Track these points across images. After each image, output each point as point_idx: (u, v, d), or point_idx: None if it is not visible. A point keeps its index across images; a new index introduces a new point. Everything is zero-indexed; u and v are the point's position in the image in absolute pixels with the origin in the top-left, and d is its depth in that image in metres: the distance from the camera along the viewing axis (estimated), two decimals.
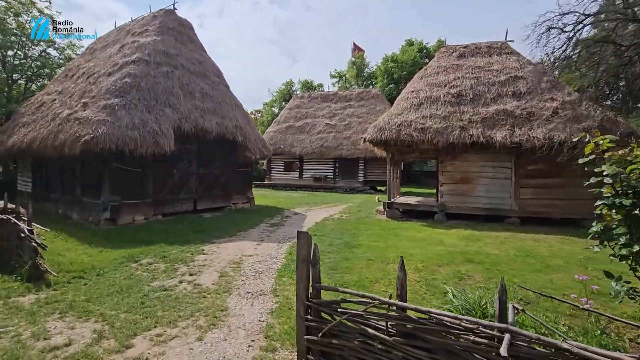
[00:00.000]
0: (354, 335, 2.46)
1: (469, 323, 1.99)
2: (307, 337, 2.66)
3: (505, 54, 12.51)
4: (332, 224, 10.73)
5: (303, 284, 2.72)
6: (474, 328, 1.97)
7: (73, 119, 10.09)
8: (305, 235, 2.73)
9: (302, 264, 2.71)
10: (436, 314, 2.10)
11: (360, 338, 2.42)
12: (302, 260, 2.71)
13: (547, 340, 1.73)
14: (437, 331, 2.09)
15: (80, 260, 6.57)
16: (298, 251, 2.74)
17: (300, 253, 2.73)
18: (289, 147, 27.02)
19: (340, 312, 2.48)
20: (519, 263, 5.98)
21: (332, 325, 2.49)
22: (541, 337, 1.74)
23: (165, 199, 11.25)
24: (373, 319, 2.38)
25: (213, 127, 11.98)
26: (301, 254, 2.72)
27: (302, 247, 2.70)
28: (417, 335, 2.20)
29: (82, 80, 12.40)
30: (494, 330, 1.92)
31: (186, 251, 7.38)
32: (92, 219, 10.05)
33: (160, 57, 11.71)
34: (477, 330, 1.96)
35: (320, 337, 2.56)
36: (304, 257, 2.71)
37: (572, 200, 10.10)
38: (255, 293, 5.18)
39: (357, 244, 7.63)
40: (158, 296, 4.96)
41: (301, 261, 2.72)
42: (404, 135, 10.86)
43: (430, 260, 6.14)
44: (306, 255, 2.71)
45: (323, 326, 2.55)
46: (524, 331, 1.82)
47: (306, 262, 2.71)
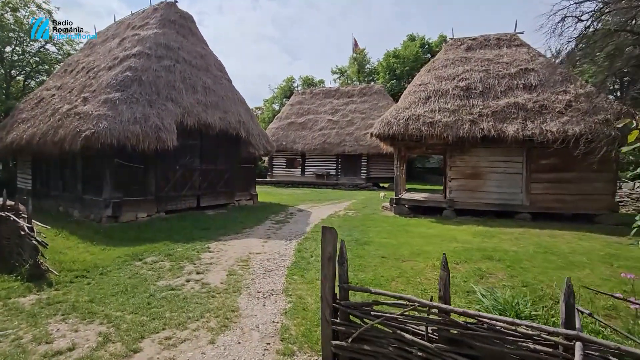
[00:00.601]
0: (388, 341, 2.22)
1: (528, 329, 1.75)
2: (335, 343, 2.42)
3: (514, 46, 12.22)
4: (338, 221, 10.50)
5: (329, 284, 2.48)
6: (533, 334, 1.73)
7: (73, 113, 9.84)
8: (331, 232, 2.48)
9: (328, 262, 2.47)
10: (488, 318, 1.86)
11: (397, 344, 2.18)
12: (327, 259, 2.47)
13: (631, 350, 1.49)
14: (489, 338, 1.85)
15: (82, 259, 6.34)
16: (323, 248, 2.49)
17: (325, 250, 2.49)
18: (291, 144, 26.75)
19: (373, 316, 2.24)
20: (540, 260, 5.74)
21: (364, 330, 2.25)
22: (622, 346, 1.50)
23: (168, 195, 11.01)
24: (411, 323, 2.13)
25: (216, 122, 11.72)
26: (326, 251, 2.47)
27: (327, 244, 2.45)
28: (463, 341, 1.96)
29: (82, 75, 12.12)
30: (559, 337, 1.68)
31: (191, 249, 7.15)
32: (94, 216, 9.81)
33: (162, 51, 11.43)
34: (537, 337, 1.72)
35: (350, 342, 2.32)
36: (329, 254, 2.46)
37: (586, 195, 9.86)
38: (266, 292, 4.95)
39: (368, 241, 7.39)
40: (165, 296, 4.73)
41: (327, 259, 2.47)
42: (412, 130, 10.60)
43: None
44: (332, 253, 2.46)
45: (353, 331, 2.31)
46: (599, 339, 1.57)
47: (332, 261, 2.47)
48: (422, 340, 2.07)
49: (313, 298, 4.68)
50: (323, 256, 2.50)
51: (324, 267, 2.48)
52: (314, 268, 5.87)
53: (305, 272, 5.70)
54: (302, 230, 9.28)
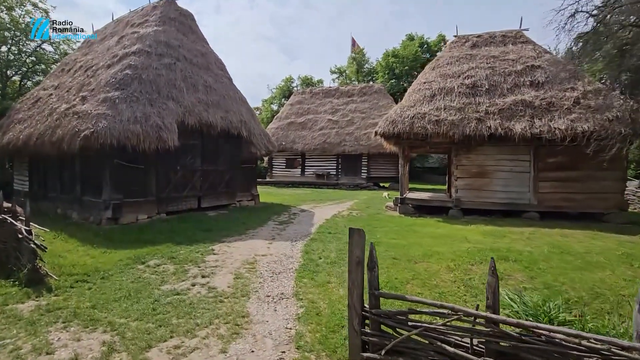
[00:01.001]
0: (427, 353, 2.03)
1: (595, 342, 1.55)
2: (367, 355, 2.22)
3: (520, 42, 12.07)
4: (343, 221, 10.30)
5: (357, 290, 2.28)
6: (601, 349, 1.53)
7: (71, 113, 9.59)
8: (359, 233, 2.29)
9: (356, 267, 2.27)
10: (546, 329, 1.66)
11: (437, 357, 1.98)
12: (355, 263, 2.27)
13: None
14: (548, 352, 1.66)
15: (82, 262, 6.11)
16: (351, 252, 2.30)
17: (353, 254, 2.29)
18: (290, 144, 26.53)
19: (410, 326, 2.04)
20: (556, 261, 5.57)
21: (400, 341, 2.06)
22: None
23: (169, 196, 10.77)
24: (454, 335, 1.94)
25: (217, 122, 11.50)
26: (354, 255, 2.27)
27: (355, 247, 2.25)
28: (515, 355, 1.76)
29: (80, 73, 11.87)
30: (631, 352, 1.49)
31: (195, 251, 6.94)
32: (93, 218, 9.56)
33: (162, 48, 11.20)
34: (606, 352, 1.52)
35: (384, 354, 2.12)
36: (357, 258, 2.26)
37: (594, 193, 9.72)
38: (276, 296, 4.74)
39: (377, 242, 7.19)
40: (170, 301, 4.52)
41: (355, 264, 2.27)
42: (417, 128, 10.42)
43: (460, 259, 5.72)
44: (361, 257, 2.27)
45: (386, 342, 2.11)
46: None
47: (361, 265, 2.26)
48: (467, 354, 1.87)
49: (326, 302, 4.49)
50: (351, 260, 2.30)
51: (352, 273, 2.28)
52: (324, 271, 5.67)
53: (315, 275, 5.50)
54: (307, 231, 9.07)
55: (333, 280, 5.23)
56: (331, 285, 5.06)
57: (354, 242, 2.27)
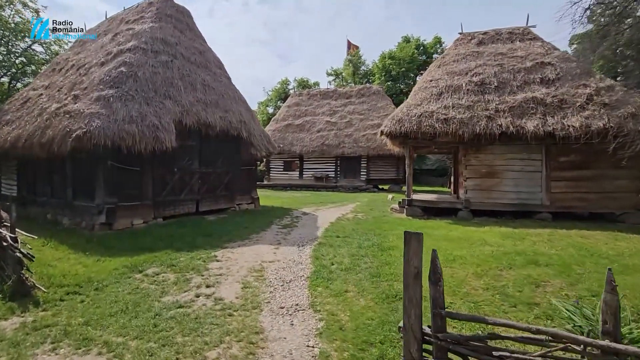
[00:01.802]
0: None
1: None
2: None
3: (528, 39, 11.79)
4: (349, 224, 9.87)
5: (416, 309, 1.85)
6: None
7: (62, 112, 9.06)
8: (418, 239, 1.86)
9: (414, 280, 1.84)
10: None
11: None
12: (413, 275, 1.84)
13: None
14: None
15: (74, 272, 5.59)
16: (407, 261, 1.86)
17: (410, 264, 1.85)
18: (288, 146, 26.08)
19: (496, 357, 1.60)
20: (591, 264, 5.19)
21: None
22: None
23: (166, 200, 10.26)
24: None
25: (216, 122, 11.03)
26: (412, 265, 1.84)
27: (413, 256, 1.82)
28: None
29: (72, 72, 11.33)
30: None
31: (196, 258, 6.45)
32: (86, 223, 9.02)
33: (159, 45, 10.72)
34: None
35: None
36: (416, 269, 1.83)
37: (609, 193, 9.41)
38: (291, 308, 4.29)
39: (391, 246, 6.78)
40: (173, 315, 4.04)
41: (412, 276, 1.84)
42: (425, 127, 10.06)
43: (486, 264, 5.31)
44: (419, 267, 1.83)
45: None
46: None
47: (419, 278, 1.83)
48: None
49: (347, 314, 4.05)
50: (407, 272, 1.86)
51: (409, 287, 1.84)
52: (339, 278, 5.23)
53: (330, 283, 5.05)
54: (313, 235, 8.63)
55: (351, 289, 4.79)
56: (349, 294, 4.62)
57: (411, 250, 1.84)
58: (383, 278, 5.01)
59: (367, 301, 4.35)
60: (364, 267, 5.54)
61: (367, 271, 5.34)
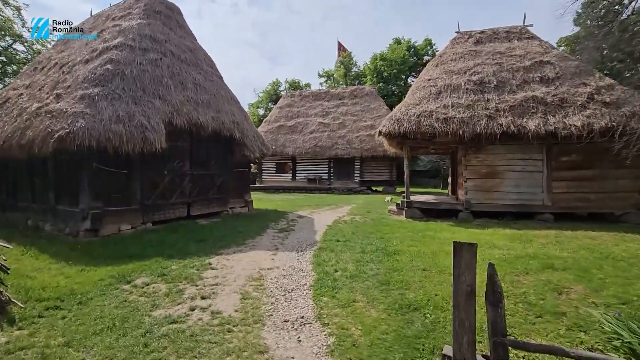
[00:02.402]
0: None
1: None
2: None
3: (526, 38, 11.69)
4: (348, 227, 9.54)
5: (469, 336, 1.51)
6: None
7: (44, 112, 8.53)
8: (469, 249, 1.53)
9: (467, 299, 1.50)
10: None
11: None
12: (466, 294, 1.50)
13: None
14: None
15: (55, 284, 5.11)
16: (457, 276, 1.53)
17: (460, 279, 1.52)
18: (280, 148, 25.67)
19: None
20: (609, 268, 4.95)
21: None
22: None
23: (156, 204, 9.76)
24: None
25: (208, 122, 10.60)
26: (463, 281, 1.51)
27: (465, 269, 1.49)
28: None
29: (55, 70, 10.77)
30: None
31: (189, 266, 6.02)
32: (69, 230, 8.48)
33: (147, 43, 10.25)
34: None
35: None
36: (469, 287, 1.50)
37: (611, 193, 9.29)
38: (296, 322, 3.92)
39: (396, 250, 6.46)
40: (166, 333, 3.63)
41: (465, 295, 1.51)
42: (425, 127, 9.81)
43: (500, 268, 5.02)
44: (473, 284, 1.49)
45: None
46: None
47: (473, 297, 1.50)
48: None
49: (359, 328, 3.70)
50: (457, 289, 1.53)
51: (460, 308, 1.51)
52: (345, 286, 4.88)
53: (336, 292, 4.69)
54: (312, 239, 8.27)
55: (359, 299, 4.44)
56: (358, 304, 4.27)
57: (463, 263, 1.51)
58: (393, 286, 4.67)
59: (379, 312, 4.00)
60: (370, 274, 5.20)
61: (375, 278, 5.00)
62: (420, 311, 3.89)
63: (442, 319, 3.67)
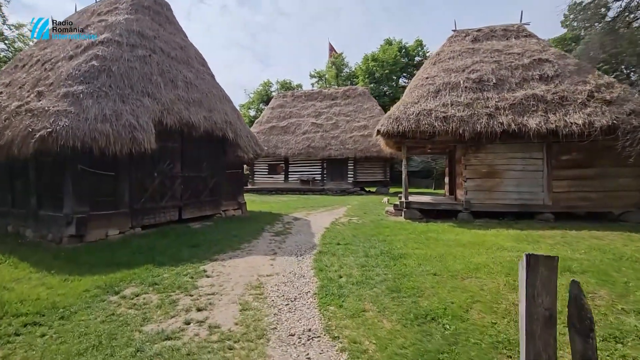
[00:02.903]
0: None
1: None
2: None
3: (523, 36, 11.59)
4: (346, 230, 9.24)
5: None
6: None
7: (24, 111, 8.01)
8: (548, 264, 1.23)
9: (546, 327, 1.20)
10: None
11: None
12: (544, 320, 1.20)
13: None
14: None
15: (35, 296, 4.67)
16: (531, 296, 1.23)
17: (536, 301, 1.22)
18: (273, 149, 25.28)
19: None
20: (628, 270, 4.74)
21: None
22: None
23: (145, 207, 9.30)
24: None
25: (200, 122, 10.19)
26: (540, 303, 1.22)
27: (542, 289, 1.18)
28: None
29: (37, 68, 10.20)
30: None
31: (183, 274, 5.63)
32: (53, 236, 7.98)
33: (135, 39, 9.79)
34: None
35: None
36: (547, 311, 1.20)
37: (612, 192, 9.20)
38: (303, 335, 3.58)
39: (402, 254, 6.17)
40: (159, 351, 3.26)
41: (542, 321, 1.21)
42: (424, 126, 9.58)
43: (516, 273, 4.77)
44: (553, 308, 1.19)
45: None
46: None
47: (553, 323, 1.19)
48: None
49: (372, 341, 3.38)
50: (531, 313, 1.22)
51: (535, 337, 1.20)
52: (351, 294, 4.56)
53: (343, 301, 4.37)
54: (311, 242, 7.94)
55: (369, 308, 4.12)
56: (369, 314, 3.95)
57: (540, 282, 1.21)
58: (404, 293, 4.37)
59: (393, 323, 3.70)
60: (378, 280, 4.89)
61: (384, 285, 4.69)
62: (438, 321, 3.60)
63: (464, 331, 3.38)
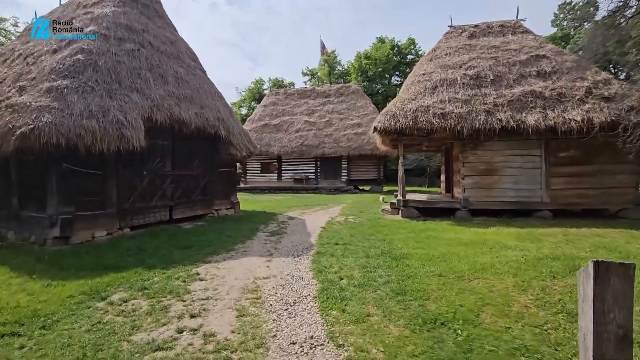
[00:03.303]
0: None
1: None
2: None
3: (520, 33, 11.50)
4: (344, 229, 9.02)
5: None
6: None
7: (4, 106, 7.58)
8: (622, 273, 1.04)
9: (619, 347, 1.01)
10: None
11: None
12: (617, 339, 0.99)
13: None
14: None
15: (14, 303, 4.34)
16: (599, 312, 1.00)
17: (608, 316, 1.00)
18: (265, 147, 24.92)
19: None
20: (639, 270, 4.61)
21: None
22: None
23: (134, 207, 8.95)
24: None
25: (191, 118, 9.85)
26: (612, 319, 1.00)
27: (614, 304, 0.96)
28: None
29: (19, 62, 9.73)
30: None
31: (174, 277, 5.34)
32: (36, 238, 7.59)
33: (123, 32, 9.41)
34: None
35: None
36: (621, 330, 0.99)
37: (610, 189, 9.16)
38: (305, 343, 3.35)
39: (403, 254, 5.97)
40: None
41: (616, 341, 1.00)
42: (421, 122, 9.41)
43: (523, 272, 4.61)
44: (626, 325, 0.99)
45: None
46: None
47: (628, 344, 0.98)
48: None
49: (380, 349, 3.16)
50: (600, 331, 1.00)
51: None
52: (354, 297, 4.34)
53: (345, 304, 4.14)
54: (307, 242, 7.70)
55: (373, 312, 3.91)
56: (374, 319, 3.74)
57: (611, 294, 1.00)
58: (410, 296, 4.16)
59: (400, 329, 3.48)
60: (381, 282, 4.67)
61: (388, 287, 4.48)
62: (449, 326, 3.40)
63: (477, 337, 3.18)
